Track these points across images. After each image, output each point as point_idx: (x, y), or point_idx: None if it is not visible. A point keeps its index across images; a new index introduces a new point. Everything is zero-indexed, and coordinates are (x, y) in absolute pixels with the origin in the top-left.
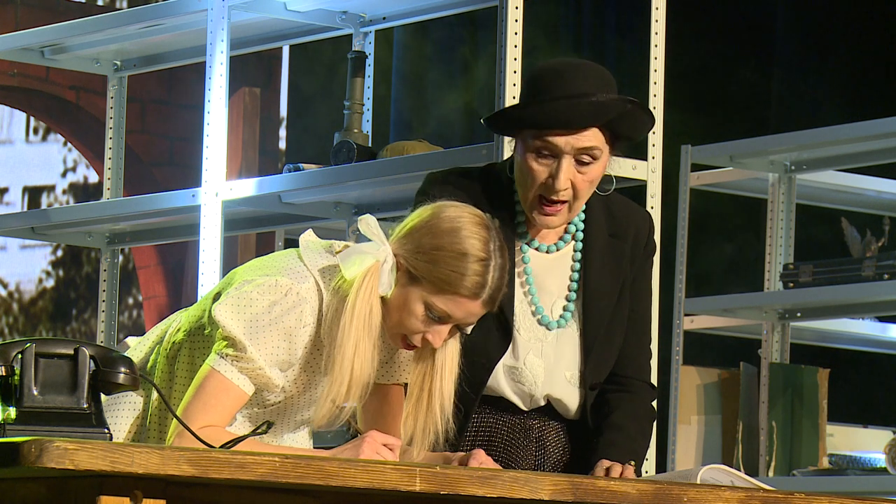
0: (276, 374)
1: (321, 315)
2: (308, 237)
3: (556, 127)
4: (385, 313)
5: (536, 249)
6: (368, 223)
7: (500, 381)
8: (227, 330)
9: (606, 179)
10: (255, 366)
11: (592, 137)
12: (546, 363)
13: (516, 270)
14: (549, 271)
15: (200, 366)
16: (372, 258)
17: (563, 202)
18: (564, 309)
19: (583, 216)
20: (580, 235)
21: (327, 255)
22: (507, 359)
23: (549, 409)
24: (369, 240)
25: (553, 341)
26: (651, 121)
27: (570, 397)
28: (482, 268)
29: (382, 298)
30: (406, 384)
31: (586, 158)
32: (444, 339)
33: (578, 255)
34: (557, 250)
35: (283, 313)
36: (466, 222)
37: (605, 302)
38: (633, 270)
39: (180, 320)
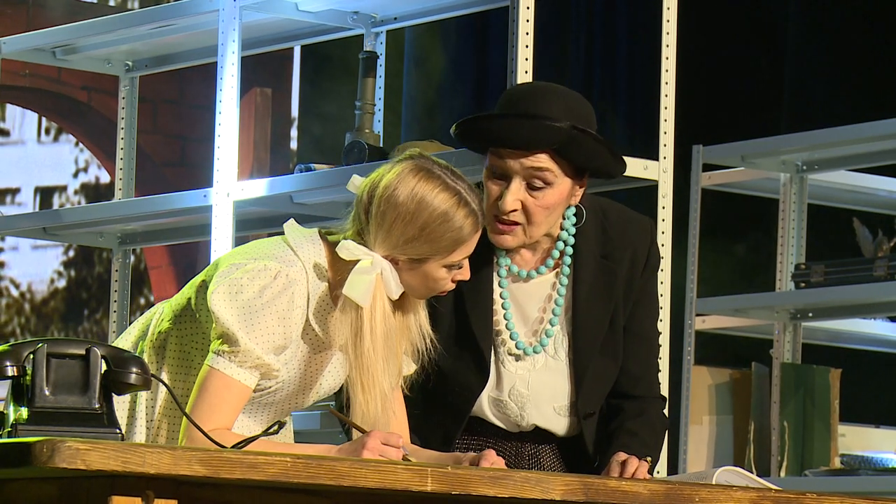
0: (273, 359)
1: (310, 297)
2: (291, 225)
3: (499, 144)
4: (402, 301)
5: (515, 277)
6: (347, 247)
7: (484, 409)
8: (221, 322)
9: (577, 212)
10: (252, 356)
11: (542, 160)
12: (532, 394)
13: (493, 297)
14: (529, 298)
15: (191, 351)
16: (370, 275)
17: (515, 224)
18: (545, 334)
19: (572, 240)
20: (567, 260)
21: (317, 240)
22: (491, 390)
23: (540, 434)
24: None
25: (541, 372)
26: (611, 156)
27: (558, 427)
28: (465, 206)
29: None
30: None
31: (537, 182)
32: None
33: (565, 280)
34: (539, 274)
35: (274, 297)
36: (420, 187)
37: (594, 330)
38: (632, 293)
39: (163, 311)
